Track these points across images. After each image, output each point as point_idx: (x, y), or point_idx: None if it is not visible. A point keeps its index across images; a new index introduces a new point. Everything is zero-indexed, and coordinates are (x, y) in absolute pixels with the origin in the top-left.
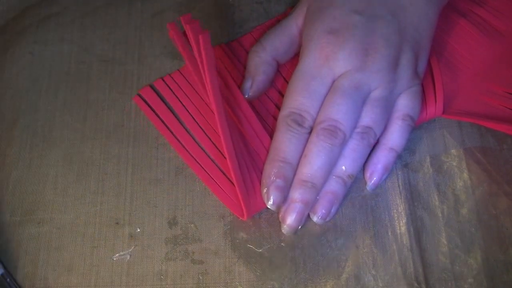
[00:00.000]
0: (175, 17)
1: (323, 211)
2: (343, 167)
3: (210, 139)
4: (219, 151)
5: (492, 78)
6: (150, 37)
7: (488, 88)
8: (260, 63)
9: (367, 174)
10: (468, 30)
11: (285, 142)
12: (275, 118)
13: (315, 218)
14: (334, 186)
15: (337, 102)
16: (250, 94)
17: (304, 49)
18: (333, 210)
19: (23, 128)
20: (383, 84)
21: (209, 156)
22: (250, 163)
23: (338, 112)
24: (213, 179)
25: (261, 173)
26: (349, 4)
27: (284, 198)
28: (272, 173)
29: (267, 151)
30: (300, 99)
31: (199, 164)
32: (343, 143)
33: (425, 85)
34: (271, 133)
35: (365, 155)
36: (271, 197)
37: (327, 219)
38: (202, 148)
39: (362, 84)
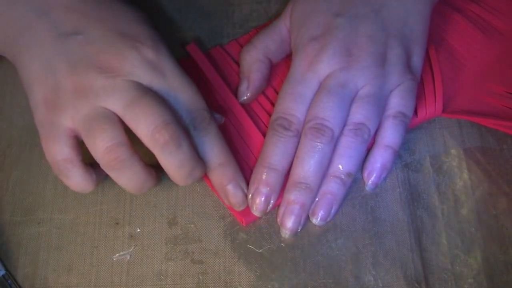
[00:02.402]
0: (175, 16)
1: (322, 212)
2: (340, 166)
3: None
4: None
5: (492, 78)
6: None
7: (488, 87)
8: (252, 62)
9: (365, 174)
10: (468, 30)
11: (271, 147)
12: None
13: (314, 220)
14: (332, 187)
15: (323, 101)
16: (248, 95)
17: (293, 57)
18: (332, 211)
19: (23, 128)
20: (370, 81)
21: None
22: (246, 170)
23: (324, 110)
24: None
25: None
26: (332, 8)
27: (268, 205)
28: (257, 180)
29: None
30: (286, 103)
31: None
32: (332, 141)
33: (425, 84)
34: None
35: (361, 153)
36: (255, 204)
37: (328, 220)
38: None
39: (347, 82)
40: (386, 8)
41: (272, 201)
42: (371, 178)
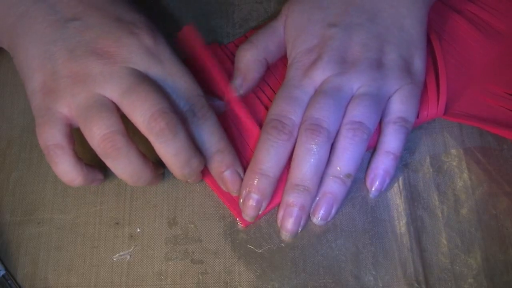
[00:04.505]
0: (175, 16)
1: (322, 212)
2: (338, 168)
3: None
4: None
5: (492, 79)
6: None
7: (488, 88)
8: (252, 62)
9: (368, 181)
10: (468, 31)
11: (263, 152)
12: None
13: (315, 220)
14: (332, 187)
15: (318, 102)
16: (241, 92)
17: (288, 65)
18: (333, 211)
19: (23, 128)
20: (367, 82)
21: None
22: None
23: (319, 110)
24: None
25: None
26: (326, 18)
27: (259, 211)
28: (248, 185)
29: None
30: (281, 106)
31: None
32: (328, 141)
33: (428, 85)
34: None
35: (360, 153)
36: (246, 210)
37: (328, 220)
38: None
39: (343, 85)
40: (381, 15)
41: (263, 206)
42: (374, 185)
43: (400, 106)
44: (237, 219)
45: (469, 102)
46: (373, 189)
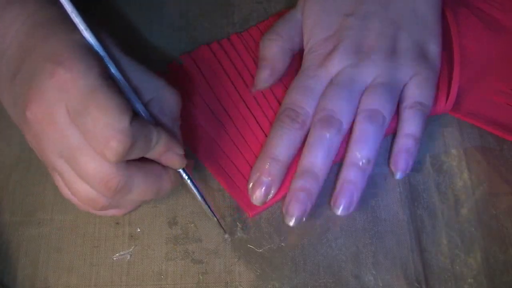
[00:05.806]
0: (175, 16)
1: (344, 201)
2: (357, 153)
3: (226, 132)
4: (234, 143)
5: (499, 76)
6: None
7: (494, 85)
8: (280, 52)
9: (392, 164)
10: (476, 26)
11: (276, 139)
12: None
13: (337, 211)
14: (350, 175)
15: (332, 93)
16: (270, 82)
17: (305, 54)
18: (354, 199)
19: None
20: (381, 73)
21: (222, 150)
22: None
23: (333, 101)
24: (226, 172)
25: None
26: (342, 7)
27: (268, 195)
28: (260, 170)
29: None
30: (295, 95)
31: (213, 157)
32: (340, 132)
33: (439, 79)
34: None
35: (378, 139)
36: (255, 193)
37: (351, 209)
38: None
39: (357, 76)
40: (396, 3)
41: (272, 192)
42: (398, 166)
43: (415, 91)
44: (243, 209)
45: (475, 99)
46: (398, 170)
